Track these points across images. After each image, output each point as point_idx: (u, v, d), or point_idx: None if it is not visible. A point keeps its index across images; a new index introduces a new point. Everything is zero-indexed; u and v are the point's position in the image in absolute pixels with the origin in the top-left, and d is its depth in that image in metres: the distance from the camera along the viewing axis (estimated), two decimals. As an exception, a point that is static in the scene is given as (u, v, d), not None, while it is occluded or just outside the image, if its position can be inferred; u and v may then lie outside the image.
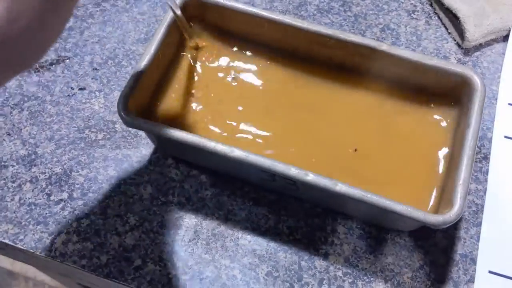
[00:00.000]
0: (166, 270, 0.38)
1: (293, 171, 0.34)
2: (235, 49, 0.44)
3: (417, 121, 0.40)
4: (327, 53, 0.41)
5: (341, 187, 0.34)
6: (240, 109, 0.41)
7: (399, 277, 0.38)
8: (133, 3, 0.50)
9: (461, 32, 0.48)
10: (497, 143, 0.43)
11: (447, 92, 0.40)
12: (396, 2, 0.51)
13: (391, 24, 0.50)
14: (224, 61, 0.44)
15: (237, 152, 0.35)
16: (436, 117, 0.40)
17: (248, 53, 0.44)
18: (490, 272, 0.38)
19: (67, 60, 0.47)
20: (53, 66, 0.46)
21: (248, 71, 0.43)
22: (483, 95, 0.37)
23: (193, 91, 0.42)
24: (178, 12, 0.40)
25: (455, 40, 0.48)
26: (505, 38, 0.49)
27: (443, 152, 0.39)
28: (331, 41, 0.40)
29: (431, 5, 0.51)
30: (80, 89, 0.45)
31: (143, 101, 0.40)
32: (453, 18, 0.48)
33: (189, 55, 0.43)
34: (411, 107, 0.41)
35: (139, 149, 0.42)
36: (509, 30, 0.48)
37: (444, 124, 0.40)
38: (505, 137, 0.44)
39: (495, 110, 0.45)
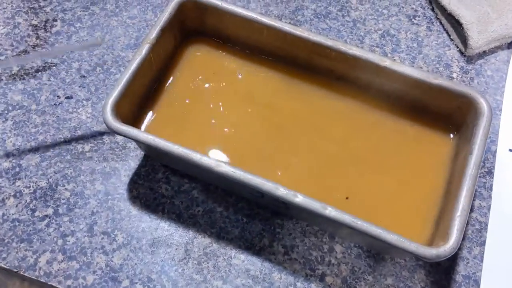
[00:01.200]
0: (155, 291, 0.36)
1: (281, 191, 0.33)
2: (233, 56, 0.42)
3: (417, 142, 0.38)
4: (328, 64, 0.39)
5: (330, 211, 0.32)
6: (234, 119, 0.40)
7: (398, 299, 0.36)
8: (123, 7, 0.48)
9: (464, 38, 0.46)
10: (501, 157, 0.42)
11: (451, 114, 0.38)
12: (396, 6, 0.49)
13: (391, 30, 0.48)
14: (221, 68, 0.42)
15: (223, 168, 0.33)
16: (437, 139, 0.38)
17: (247, 59, 0.42)
18: (494, 294, 0.37)
19: (54, 67, 0.45)
20: (39, 73, 0.44)
21: (246, 78, 0.41)
22: (489, 120, 0.35)
23: (186, 98, 0.40)
24: None
25: (457, 47, 0.47)
26: (510, 45, 0.47)
27: (442, 178, 0.37)
28: (332, 52, 0.38)
29: (432, 10, 0.49)
30: (67, 97, 0.43)
31: (131, 107, 0.38)
32: (456, 24, 0.47)
33: (183, 61, 0.42)
34: (411, 127, 0.39)
35: (127, 161, 0.41)
36: (514, 37, 0.46)
37: (445, 148, 0.38)
38: (510, 150, 0.42)
39: (499, 122, 0.43)
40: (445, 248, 0.31)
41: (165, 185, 0.40)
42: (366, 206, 0.36)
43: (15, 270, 0.37)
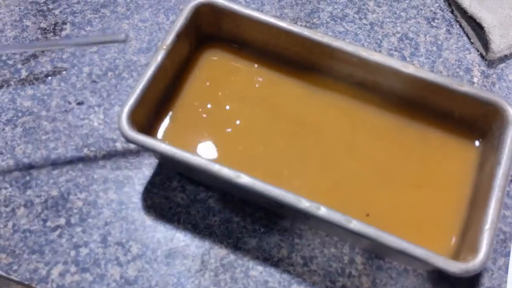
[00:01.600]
0: (171, 305, 0.35)
1: (303, 204, 0.32)
2: (250, 61, 0.41)
3: (441, 151, 0.37)
4: (348, 70, 0.38)
5: (355, 225, 0.31)
6: (252, 126, 0.38)
7: (422, 313, 0.35)
8: (134, 10, 0.47)
9: (485, 42, 0.45)
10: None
11: (476, 121, 0.37)
12: (415, 9, 0.48)
13: (409, 33, 0.46)
14: (238, 73, 0.41)
15: (243, 179, 0.32)
16: (462, 147, 0.37)
17: (264, 65, 0.41)
18: (520, 307, 0.36)
19: (64, 72, 0.44)
20: (49, 78, 0.43)
21: (264, 84, 0.40)
22: None
23: (202, 105, 0.39)
24: None
25: (478, 51, 0.45)
26: (532, 49, 0.46)
27: (467, 187, 0.36)
28: (352, 58, 0.37)
29: (452, 12, 0.48)
30: (78, 103, 0.42)
31: (147, 115, 0.37)
32: (477, 27, 0.45)
33: (199, 67, 0.40)
34: (435, 135, 0.38)
35: (141, 169, 0.39)
36: (536, 41, 0.45)
37: (470, 156, 0.37)
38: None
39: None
40: (475, 263, 0.30)
41: (180, 194, 0.39)
42: (389, 216, 0.35)
43: (26, 282, 0.36)
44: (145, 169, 0.39)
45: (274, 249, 0.37)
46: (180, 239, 0.37)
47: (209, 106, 0.39)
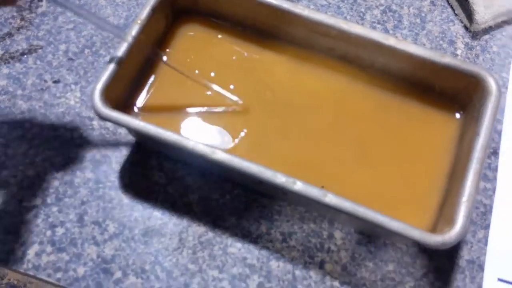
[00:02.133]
0: (149, 282, 0.35)
1: (279, 179, 0.31)
2: (229, 36, 0.40)
3: (421, 124, 0.37)
4: (329, 43, 0.37)
5: (331, 199, 0.30)
6: (232, 99, 0.38)
7: (400, 287, 0.35)
8: (111, -15, 0.46)
9: (469, 13, 0.44)
10: (507, 136, 0.40)
11: (457, 93, 0.36)
12: (398, -20, 0.47)
13: (393, 6, 0.46)
14: (216, 48, 0.40)
15: (219, 155, 0.32)
16: (442, 119, 0.37)
17: (243, 39, 0.40)
18: (500, 280, 0.35)
19: (40, 50, 0.43)
20: (25, 56, 0.43)
21: (243, 59, 0.39)
22: (497, 100, 0.33)
23: (180, 80, 0.38)
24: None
25: (462, 22, 0.45)
26: (517, 20, 0.45)
27: (447, 160, 0.35)
28: (333, 31, 0.36)
29: (436, -17, 0.47)
30: (54, 81, 0.42)
31: (122, 91, 0.36)
32: (460, -2, 0.44)
33: (176, 42, 0.40)
34: (416, 109, 0.37)
35: (118, 148, 0.39)
36: (521, 11, 0.44)
37: (450, 128, 0.36)
38: (516, 131, 0.40)
39: (505, 100, 0.41)
40: (451, 235, 0.30)
41: (158, 173, 0.38)
42: (368, 191, 0.35)
43: (2, 262, 0.35)
44: (123, 147, 0.39)
45: (253, 226, 0.37)
46: (158, 217, 0.37)
47: (186, 81, 0.38)
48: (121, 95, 0.36)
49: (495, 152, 0.39)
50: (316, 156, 0.36)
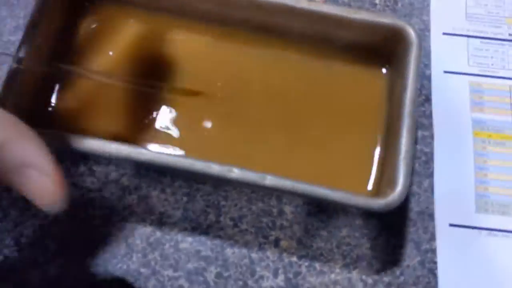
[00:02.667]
0: (102, 296, 0.33)
1: (214, 169, 0.30)
2: (135, 18, 0.37)
3: (350, 85, 0.36)
4: (242, 15, 0.36)
5: (270, 181, 0.30)
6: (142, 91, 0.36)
7: (357, 250, 0.35)
8: (2, -18, 0.42)
9: (382, -39, 0.43)
10: (437, 81, 0.40)
11: (379, 47, 0.35)
12: None
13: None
14: (125, 35, 0.37)
15: (146, 155, 0.30)
16: (370, 79, 0.36)
17: (151, 20, 0.37)
18: (451, 225, 0.36)
19: None
20: None
21: (155, 39, 0.37)
22: (419, 50, 0.32)
23: (92, 78, 0.36)
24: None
25: (377, -29, 0.44)
26: (429, -41, 0.44)
27: (380, 118, 0.35)
28: (243, 1, 0.34)
29: None
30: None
31: (28, 99, 0.33)
32: None
33: (81, 38, 0.37)
34: (341, 69, 0.36)
35: (43, 160, 0.36)
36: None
37: (379, 87, 0.36)
38: (445, 72, 0.40)
39: (430, 44, 0.41)
40: (394, 196, 0.30)
41: (90, 178, 0.36)
42: (311, 167, 0.34)
43: None
44: (48, 158, 0.36)
45: (201, 217, 0.35)
46: (99, 225, 0.35)
47: (99, 76, 0.36)
48: (29, 103, 0.33)
49: (427, 99, 0.39)
50: (252, 145, 0.35)
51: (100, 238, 0.35)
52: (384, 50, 0.35)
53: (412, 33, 0.33)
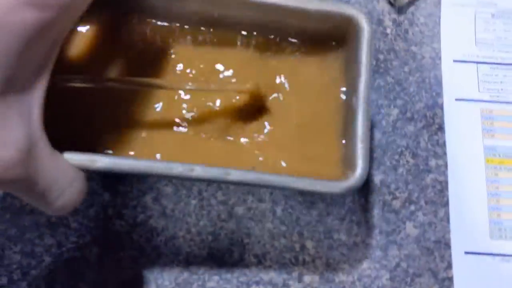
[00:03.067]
0: (136, 337, 0.35)
1: (177, 170, 0.30)
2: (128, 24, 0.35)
3: (309, 75, 0.36)
4: (192, 7, 0.35)
5: (234, 175, 0.30)
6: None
7: (378, 281, 0.37)
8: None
9: (391, -11, 0.43)
10: (449, 109, 0.41)
11: (335, 38, 0.36)
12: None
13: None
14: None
15: (101, 162, 0.29)
16: (327, 67, 0.36)
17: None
18: (467, 253, 0.37)
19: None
20: None
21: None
22: (370, 35, 0.33)
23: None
24: None
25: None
26: (437, -15, 0.45)
27: (339, 107, 0.35)
28: None
29: (353, -40, 0.46)
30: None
31: None
32: (380, -26, 0.44)
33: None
34: (300, 61, 0.36)
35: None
36: (440, -23, 0.44)
37: (335, 74, 0.36)
38: (456, 99, 0.41)
39: (441, 72, 0.42)
40: (355, 178, 0.31)
41: (118, 221, 0.37)
42: (275, 150, 0.35)
43: None
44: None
45: (226, 255, 0.37)
46: (128, 267, 0.36)
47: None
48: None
49: (440, 128, 0.40)
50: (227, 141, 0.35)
51: (131, 280, 0.36)
52: (340, 39, 0.36)
53: (362, 18, 0.33)
